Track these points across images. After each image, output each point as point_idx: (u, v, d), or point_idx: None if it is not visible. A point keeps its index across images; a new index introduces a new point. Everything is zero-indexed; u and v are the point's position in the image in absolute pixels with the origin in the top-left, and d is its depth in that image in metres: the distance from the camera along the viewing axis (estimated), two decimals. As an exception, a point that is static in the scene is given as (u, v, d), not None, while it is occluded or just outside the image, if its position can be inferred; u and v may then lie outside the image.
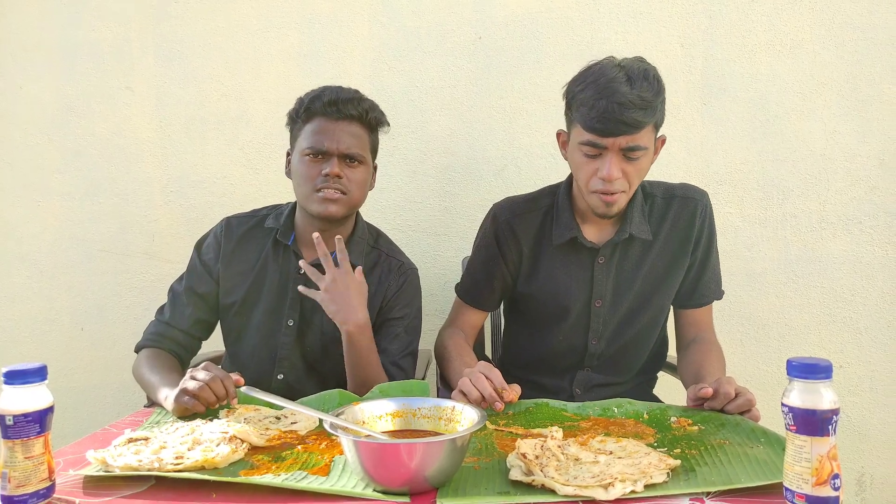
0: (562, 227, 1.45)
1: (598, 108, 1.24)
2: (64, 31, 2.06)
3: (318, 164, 1.39)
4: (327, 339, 1.45)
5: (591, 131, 1.27)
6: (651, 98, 1.25)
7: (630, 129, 1.25)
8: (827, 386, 0.79)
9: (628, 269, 1.45)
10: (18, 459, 0.80)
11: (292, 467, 0.93)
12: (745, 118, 2.01)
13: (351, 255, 1.44)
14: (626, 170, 1.30)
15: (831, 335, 2.03)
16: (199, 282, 1.49)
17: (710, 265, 1.49)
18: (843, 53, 1.97)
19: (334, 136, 1.39)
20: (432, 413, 1.01)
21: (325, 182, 1.37)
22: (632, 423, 1.13)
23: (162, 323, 1.47)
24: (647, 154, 1.32)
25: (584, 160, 1.33)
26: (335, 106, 1.39)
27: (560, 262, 1.46)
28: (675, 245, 1.45)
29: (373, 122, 1.45)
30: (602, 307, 1.45)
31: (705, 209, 1.46)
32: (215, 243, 1.50)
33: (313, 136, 1.40)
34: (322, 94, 1.42)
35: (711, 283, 1.50)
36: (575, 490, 0.83)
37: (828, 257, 2.01)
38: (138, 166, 2.08)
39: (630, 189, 1.34)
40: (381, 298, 1.48)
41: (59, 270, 2.10)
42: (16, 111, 2.07)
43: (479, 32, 2.02)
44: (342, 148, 1.39)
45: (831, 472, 0.77)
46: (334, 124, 1.39)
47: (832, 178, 2.00)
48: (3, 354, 2.08)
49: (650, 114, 1.26)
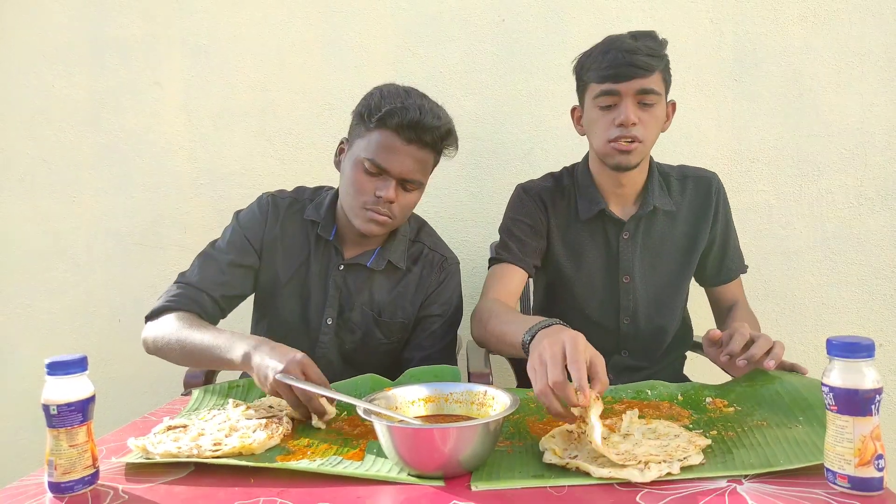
0: (587, 201, 1.47)
1: (609, 58, 1.31)
2: (92, 29, 2.10)
3: (374, 181, 1.30)
4: (367, 339, 1.43)
5: (604, 80, 1.32)
6: (656, 48, 1.32)
7: (641, 71, 1.30)
8: (869, 365, 0.77)
9: (654, 244, 1.47)
10: (63, 448, 0.83)
11: (327, 452, 0.94)
12: (778, 93, 1.96)
13: (392, 254, 1.43)
14: (642, 117, 1.33)
15: (871, 313, 1.98)
16: (242, 254, 1.40)
17: (731, 241, 1.53)
18: (880, 23, 1.90)
19: (401, 159, 1.29)
20: (464, 398, 1.01)
21: (375, 203, 1.30)
22: (666, 406, 1.12)
23: (190, 286, 1.34)
24: (661, 103, 1.35)
25: (600, 114, 1.36)
26: (414, 131, 1.27)
27: (587, 237, 1.48)
28: (695, 221, 1.48)
29: (443, 149, 1.36)
30: (631, 283, 1.47)
31: (719, 187, 1.50)
32: (261, 217, 1.43)
33: (379, 150, 1.29)
34: (404, 110, 1.26)
35: (735, 258, 1.54)
36: (610, 472, 0.82)
37: (866, 233, 1.96)
38: (169, 160, 2.11)
39: (646, 139, 1.35)
40: (423, 295, 1.45)
41: (96, 264, 2.15)
42: (49, 109, 2.12)
43: (502, 15, 2.00)
44: (405, 173, 1.30)
45: (875, 452, 0.75)
46: (405, 146, 1.29)
47: (870, 151, 1.94)
48: (45, 346, 2.14)
49: (658, 61, 1.32)
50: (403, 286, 1.45)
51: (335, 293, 1.41)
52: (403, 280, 1.45)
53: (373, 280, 1.44)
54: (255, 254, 1.42)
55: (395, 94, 1.30)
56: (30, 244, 2.14)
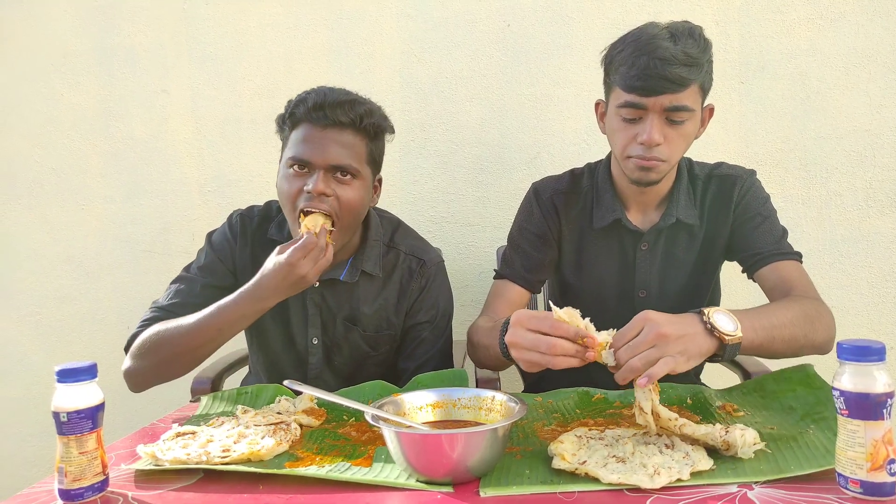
0: (603, 208, 1.35)
1: (639, 64, 1.14)
2: (100, 37, 2.11)
3: (302, 178, 1.23)
4: (357, 355, 1.39)
5: (630, 91, 1.17)
6: (697, 54, 1.15)
7: (673, 85, 1.14)
8: (880, 368, 0.77)
9: (676, 258, 1.35)
10: (73, 455, 0.83)
11: (336, 459, 0.94)
12: (785, 95, 1.95)
13: (366, 263, 1.35)
14: (669, 135, 1.19)
15: (881, 316, 1.96)
16: (217, 276, 1.37)
17: (763, 224, 1.31)
18: (888, 24, 1.90)
19: (321, 145, 1.21)
20: (472, 403, 1.00)
21: (308, 200, 1.21)
22: (675, 410, 1.11)
23: (163, 310, 1.31)
24: (693, 119, 1.21)
25: (622, 125, 1.22)
26: (322, 111, 1.21)
27: (601, 247, 1.37)
28: (716, 227, 1.35)
29: (370, 129, 1.26)
30: (647, 298, 1.36)
31: (744, 183, 1.33)
32: (231, 241, 1.40)
33: (297, 145, 1.23)
34: (308, 96, 1.24)
35: (769, 240, 1.29)
36: (619, 478, 0.81)
37: (876, 236, 1.95)
38: (176, 167, 2.12)
39: (671, 158, 1.21)
40: (406, 304, 1.39)
41: (105, 271, 2.16)
42: (58, 117, 2.13)
43: (508, 20, 2.00)
44: (329, 159, 1.21)
45: (887, 456, 0.75)
46: (321, 132, 1.22)
47: (878, 153, 1.93)
48: (54, 354, 2.16)
49: (696, 71, 1.15)
50: (385, 297, 1.39)
51: (315, 311, 1.37)
52: (384, 291, 1.39)
53: (352, 294, 1.38)
54: (231, 274, 1.38)
55: (303, 92, 1.28)
56: (38, 252, 2.16)
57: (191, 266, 1.41)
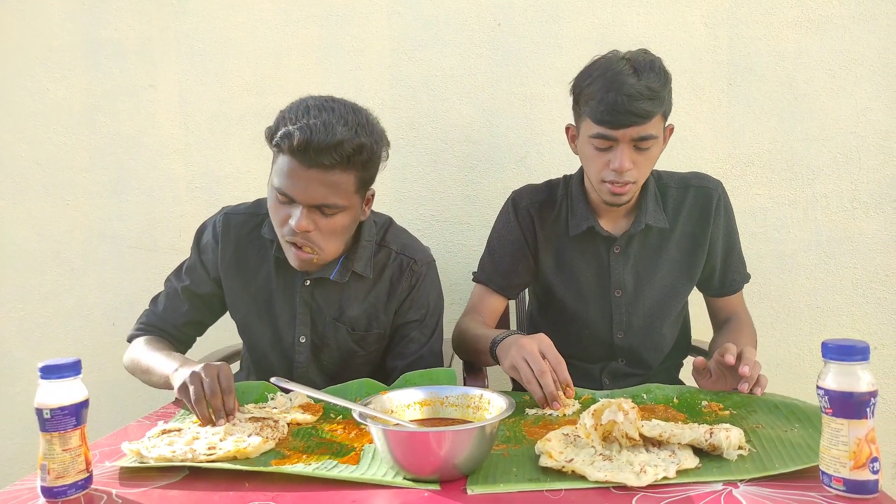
0: (577, 217, 1.46)
1: (608, 101, 1.26)
2: (87, 31, 2.09)
3: (287, 209, 1.21)
4: (345, 354, 1.40)
5: (601, 124, 1.29)
6: (658, 88, 1.28)
7: (640, 119, 1.26)
8: (864, 368, 0.78)
9: (648, 259, 1.45)
10: (57, 452, 0.82)
11: (322, 456, 0.94)
12: (773, 97, 1.96)
13: (357, 263, 1.35)
14: (637, 160, 1.31)
15: (865, 316, 1.98)
16: (200, 283, 1.40)
17: (734, 253, 1.51)
18: (874, 27, 1.91)
19: (305, 185, 1.17)
20: (460, 401, 1.01)
21: (292, 235, 1.21)
22: (662, 409, 1.12)
23: (155, 315, 1.41)
24: (658, 143, 1.34)
25: (595, 153, 1.34)
26: (306, 154, 1.15)
27: (577, 252, 1.47)
28: (694, 233, 1.45)
29: (359, 163, 1.20)
30: (623, 297, 1.45)
31: (720, 197, 1.47)
32: (213, 243, 1.40)
33: (284, 178, 1.19)
34: (294, 132, 1.15)
35: (740, 269, 1.52)
36: (606, 476, 0.82)
37: (860, 237, 1.97)
38: (163, 163, 2.11)
39: (640, 179, 1.35)
40: (396, 303, 1.39)
41: (90, 267, 2.14)
42: (43, 112, 2.11)
43: (498, 19, 2.00)
44: (312, 199, 1.18)
45: (870, 455, 0.76)
46: (306, 171, 1.16)
47: (864, 156, 1.95)
48: (38, 351, 2.13)
49: (658, 104, 1.28)
50: (375, 296, 1.38)
51: (304, 310, 1.36)
52: (374, 290, 1.38)
53: (342, 293, 1.37)
54: (211, 282, 1.41)
55: (294, 114, 1.19)
56: (23, 247, 2.13)
57: (184, 263, 1.46)
